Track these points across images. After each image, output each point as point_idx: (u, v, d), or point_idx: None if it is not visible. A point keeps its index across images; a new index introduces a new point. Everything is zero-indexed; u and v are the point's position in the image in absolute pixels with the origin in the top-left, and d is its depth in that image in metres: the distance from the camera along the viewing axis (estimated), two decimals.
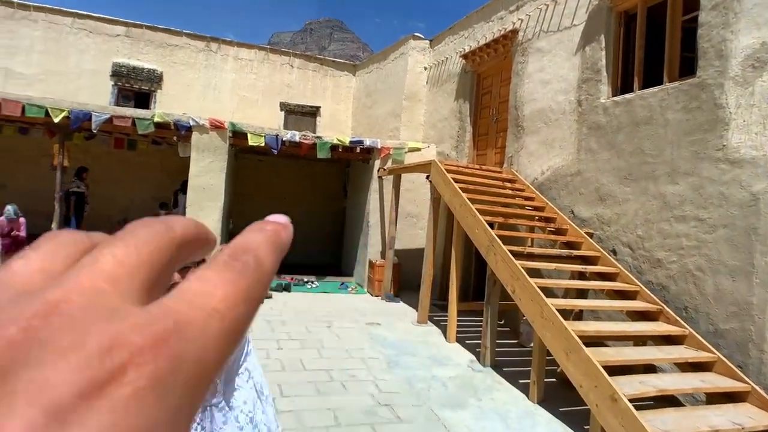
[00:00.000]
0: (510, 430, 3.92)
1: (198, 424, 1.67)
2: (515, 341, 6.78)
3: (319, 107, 14.13)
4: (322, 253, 13.34)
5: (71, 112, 8.98)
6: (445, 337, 6.57)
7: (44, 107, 8.92)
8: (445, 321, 6.87)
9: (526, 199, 7.34)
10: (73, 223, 10.54)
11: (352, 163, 12.37)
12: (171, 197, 11.57)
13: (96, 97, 12.13)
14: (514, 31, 8.53)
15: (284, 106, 13.82)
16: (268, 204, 12.61)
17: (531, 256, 5.97)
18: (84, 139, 10.73)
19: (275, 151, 9.95)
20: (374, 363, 5.37)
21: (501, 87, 9.14)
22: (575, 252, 6.04)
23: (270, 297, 8.53)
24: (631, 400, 3.32)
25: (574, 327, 4.20)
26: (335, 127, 14.00)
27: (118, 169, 12.15)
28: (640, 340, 4.80)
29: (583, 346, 3.84)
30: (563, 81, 7.33)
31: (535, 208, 7.10)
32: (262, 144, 9.80)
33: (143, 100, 12.78)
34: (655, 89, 5.62)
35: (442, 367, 5.38)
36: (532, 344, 5.07)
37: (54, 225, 9.56)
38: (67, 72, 12.24)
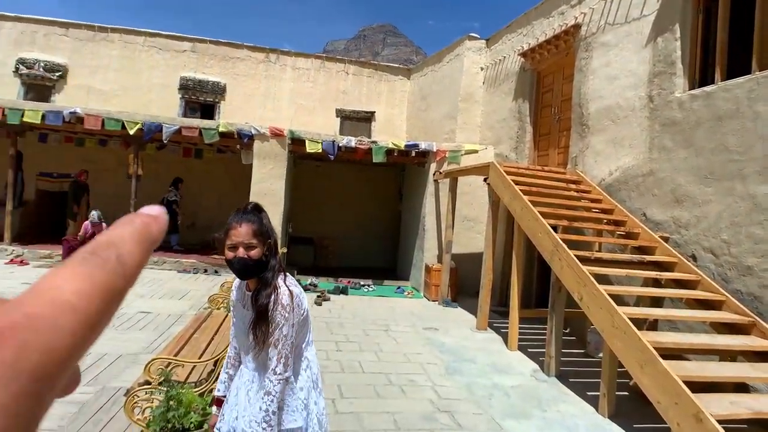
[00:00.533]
0: None
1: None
2: (582, 351, 6.46)
3: (374, 112, 14.21)
4: (378, 256, 13.39)
5: (144, 124, 9.55)
6: (506, 345, 6.36)
7: (121, 120, 9.55)
8: (506, 328, 6.66)
9: (593, 201, 6.99)
10: (176, 228, 11.60)
11: (407, 167, 12.34)
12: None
13: (165, 109, 12.85)
14: (577, 26, 8.18)
15: (340, 113, 14.02)
16: (326, 208, 12.82)
17: (599, 262, 5.67)
18: (156, 149, 11.42)
19: (332, 157, 10.10)
20: (433, 368, 5.28)
21: (563, 84, 8.80)
22: (648, 257, 5.66)
23: (328, 300, 8.64)
24: (720, 422, 3.03)
25: (648, 338, 3.92)
26: (390, 132, 14.03)
27: (186, 176, 12.78)
28: (728, 356, 4.34)
29: (660, 359, 3.57)
30: (632, 76, 6.93)
31: (603, 211, 6.75)
32: (320, 150, 9.97)
33: (208, 110, 13.40)
34: (741, 79, 5.13)
35: (504, 376, 5.20)
36: (600, 354, 4.79)
37: None
38: (139, 87, 13.05)
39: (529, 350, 6.23)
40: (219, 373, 3.04)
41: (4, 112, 9.28)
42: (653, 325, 5.41)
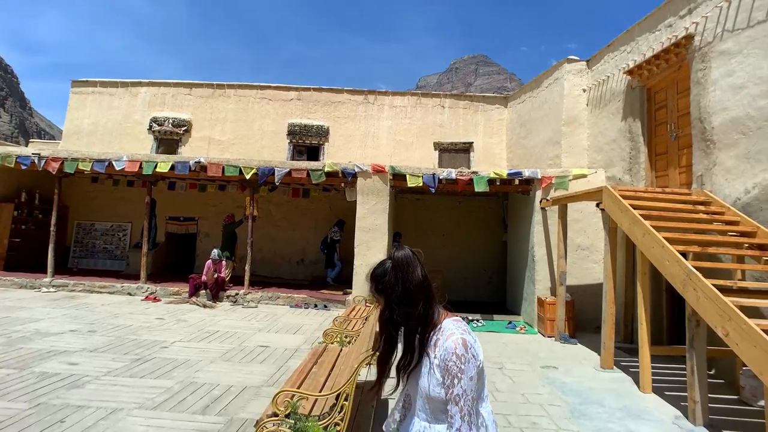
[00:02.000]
0: None
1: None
2: (735, 397, 5.63)
3: (472, 142, 14.14)
4: (485, 290, 13.02)
5: (259, 169, 10.35)
6: (638, 386, 5.75)
7: (238, 167, 10.45)
8: (635, 367, 6.04)
9: (728, 223, 6.23)
10: (334, 263, 12.60)
11: (510, 196, 12.01)
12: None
13: (275, 154, 13.88)
14: (689, 37, 7.58)
15: (438, 145, 14.13)
16: (428, 240, 12.82)
17: (744, 292, 5.00)
18: (268, 191, 12.31)
19: (433, 190, 10.14)
20: (555, 411, 4.91)
21: (678, 99, 8.13)
22: None
23: None
24: None
25: None
26: (489, 161, 13.84)
27: (295, 214, 13.59)
28: None
29: None
30: (763, 83, 6.22)
31: (742, 234, 5.99)
32: (421, 184, 10.07)
33: (314, 152, 14.23)
34: None
35: (640, 423, 4.67)
36: (761, 403, 4.14)
37: (247, 267, 10.94)
38: (252, 135, 14.26)
39: (666, 393, 5.57)
40: (341, 406, 3.08)
41: (141, 164, 10.59)
42: None
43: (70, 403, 4.17)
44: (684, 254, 5.55)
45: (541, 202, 9.78)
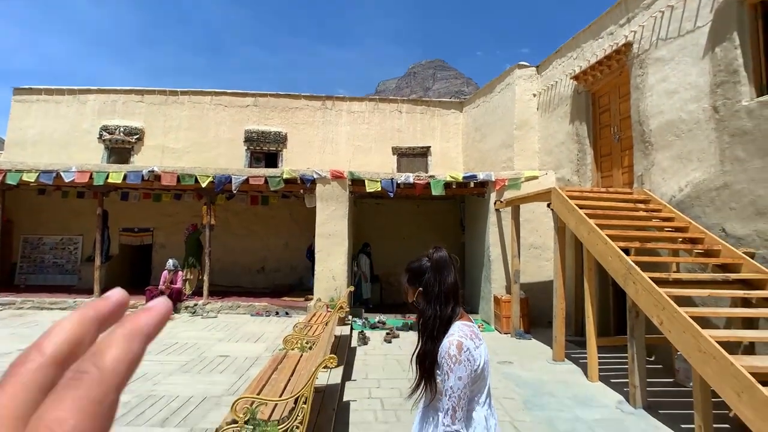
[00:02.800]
0: None
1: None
2: (671, 380, 6.05)
3: (429, 147, 14.43)
4: None
5: (215, 177, 10.24)
6: (587, 376, 6.08)
7: (194, 175, 10.30)
8: (584, 358, 6.37)
9: (665, 219, 6.68)
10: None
11: (466, 198, 12.33)
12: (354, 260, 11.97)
13: (233, 161, 13.72)
14: (628, 44, 8.07)
15: (396, 150, 14.35)
16: (389, 244, 12.97)
17: (678, 283, 5.39)
18: (225, 199, 12.15)
19: (391, 194, 10.32)
20: (510, 403, 5.13)
21: (620, 103, 8.62)
22: (733, 275, 5.30)
23: (397, 336, 8.66)
24: None
25: (743, 362, 3.64)
26: (446, 165, 14.15)
27: (254, 222, 13.46)
28: None
29: (759, 386, 3.30)
30: (692, 88, 6.71)
31: (677, 229, 6.43)
32: (380, 189, 10.23)
33: (272, 159, 14.15)
34: None
35: (587, 409, 4.96)
36: (692, 384, 4.48)
37: (205, 277, 10.78)
38: (208, 142, 14.05)
39: (612, 381, 5.92)
40: (300, 410, 3.16)
41: (92, 175, 10.27)
42: (750, 349, 5.02)
43: None
44: (627, 250, 5.93)
45: (495, 203, 10.12)
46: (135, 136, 13.88)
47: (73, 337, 0.26)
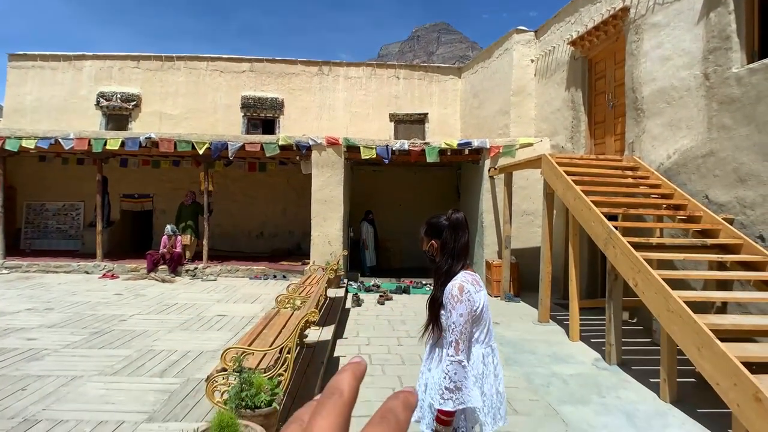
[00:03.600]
0: (636, 428, 3.71)
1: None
2: (648, 340, 6.30)
3: (427, 113, 14.40)
4: None
5: (212, 144, 10.33)
6: (568, 336, 6.34)
7: (191, 141, 10.39)
8: (568, 320, 6.62)
9: (651, 186, 6.80)
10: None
11: (463, 165, 12.41)
12: (357, 227, 12.14)
13: (230, 128, 13.76)
14: (625, 9, 7.99)
15: (393, 117, 14.33)
16: (386, 211, 13.13)
17: (660, 248, 5.56)
18: (224, 166, 12.26)
19: (387, 161, 10.41)
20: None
21: (615, 70, 8.60)
22: (711, 240, 5.47)
23: (390, 299, 8.93)
24: None
25: (705, 320, 3.85)
26: (444, 132, 14.15)
27: (252, 189, 13.61)
28: None
29: (717, 341, 3.51)
30: (686, 55, 6.70)
31: (663, 196, 6.55)
32: (375, 155, 10.32)
33: (269, 126, 14.18)
34: None
35: (564, 365, 5.22)
36: None
37: (205, 242, 11.02)
38: (205, 109, 14.04)
39: (592, 341, 6.18)
40: (284, 359, 3.39)
41: (90, 142, 10.37)
42: (722, 309, 5.23)
43: (30, 373, 4.33)
44: (614, 216, 6.08)
45: (489, 170, 10.22)
46: (132, 103, 13.88)
47: (354, 386, 0.35)
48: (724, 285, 5.22)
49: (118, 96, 13.87)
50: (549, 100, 10.66)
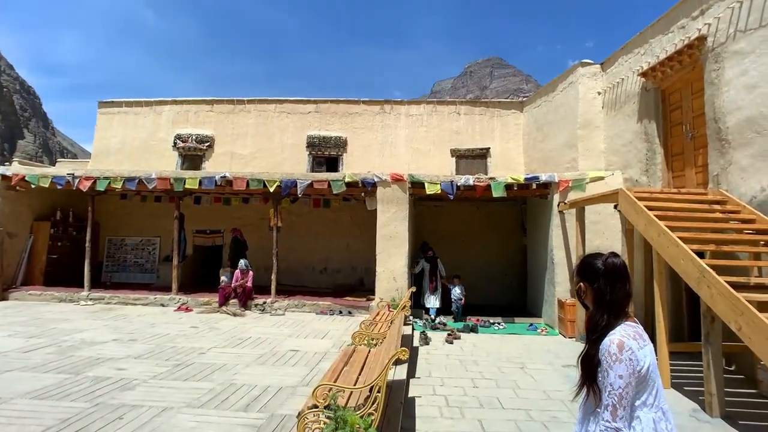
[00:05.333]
0: None
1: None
2: (753, 391, 5.75)
3: (489, 148, 14.35)
4: (505, 293, 13.17)
5: (282, 182, 10.75)
6: None
7: (262, 180, 10.86)
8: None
9: (745, 222, 6.36)
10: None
11: (528, 200, 12.18)
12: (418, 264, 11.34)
13: (296, 166, 14.30)
14: (701, 38, 7.73)
15: (455, 152, 14.38)
16: (448, 246, 13.01)
17: (761, 288, 5.13)
18: (290, 203, 12.69)
19: (451, 197, 10.39)
20: (576, 406, 5.09)
21: (693, 100, 8.27)
22: None
23: (458, 338, 8.72)
24: None
25: None
26: (506, 166, 14.02)
27: (317, 224, 13.94)
28: None
29: None
30: None
31: (759, 231, 6.10)
32: (439, 191, 10.33)
33: (332, 163, 14.61)
34: None
35: None
36: None
37: (273, 276, 11.31)
38: (273, 148, 14.71)
39: (685, 389, 5.72)
40: (374, 398, 3.36)
41: (171, 181, 11.06)
42: None
43: (125, 402, 4.53)
44: (701, 253, 5.71)
45: (558, 205, 9.96)
46: (206, 144, 14.78)
47: None
48: None
49: (194, 138, 14.82)
50: (619, 132, 10.35)
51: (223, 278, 11.21)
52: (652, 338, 6.99)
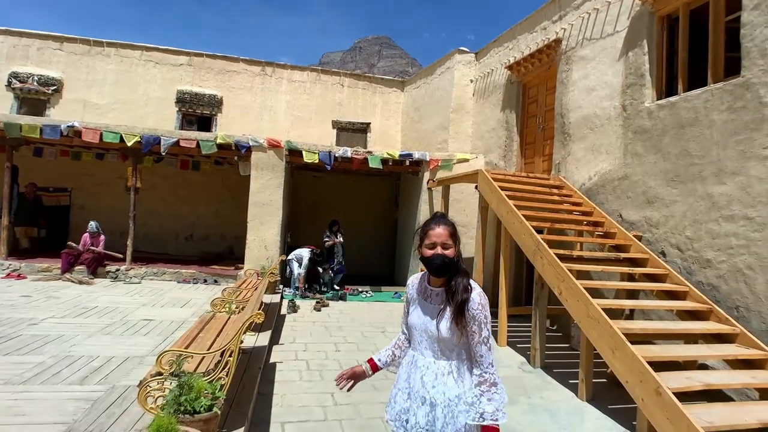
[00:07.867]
0: (558, 425, 4.04)
1: None
2: (567, 345, 6.80)
3: (369, 123, 14.61)
4: (376, 263, 13.69)
5: (143, 137, 9.84)
6: (496, 341, 6.68)
7: (119, 133, 9.83)
8: (495, 326, 6.98)
9: (574, 204, 7.37)
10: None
11: (402, 176, 12.70)
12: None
13: (162, 122, 13.16)
14: (558, 41, 8.62)
15: (336, 124, 14.40)
16: (325, 217, 13.08)
17: (580, 260, 6.04)
18: (153, 162, 11.67)
19: (329, 167, 10.44)
20: None
21: (546, 96, 9.22)
22: (623, 255, 6.06)
23: (327, 305, 8.93)
24: (678, 395, 3.39)
25: (619, 325, 4.28)
26: (385, 142, 14.41)
27: (184, 188, 13.07)
28: (691, 339, 4.84)
29: (628, 343, 3.92)
30: (607, 87, 7.35)
31: (583, 213, 7.13)
32: (317, 160, 10.31)
33: (205, 123, 13.72)
34: (699, 91, 5.61)
35: None
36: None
37: (129, 242, 10.44)
38: (136, 100, 13.34)
39: (518, 345, 6.57)
40: (225, 362, 3.34)
41: (2, 126, 9.48)
42: (630, 317, 5.78)
43: None
44: (540, 230, 6.52)
45: (428, 183, 10.55)
46: (52, 87, 12.87)
47: None
48: (633, 294, 5.78)
49: (35, 78, 12.80)
50: (485, 119, 11.20)
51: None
52: (496, 303, 7.80)
